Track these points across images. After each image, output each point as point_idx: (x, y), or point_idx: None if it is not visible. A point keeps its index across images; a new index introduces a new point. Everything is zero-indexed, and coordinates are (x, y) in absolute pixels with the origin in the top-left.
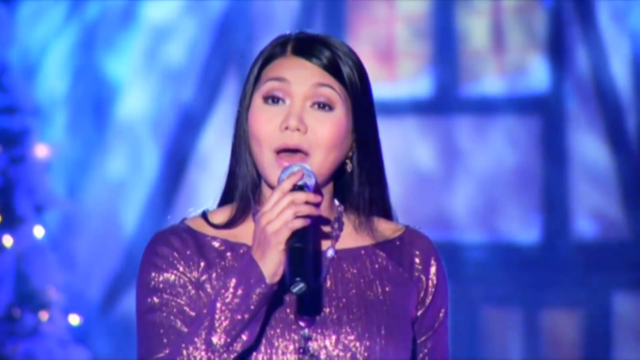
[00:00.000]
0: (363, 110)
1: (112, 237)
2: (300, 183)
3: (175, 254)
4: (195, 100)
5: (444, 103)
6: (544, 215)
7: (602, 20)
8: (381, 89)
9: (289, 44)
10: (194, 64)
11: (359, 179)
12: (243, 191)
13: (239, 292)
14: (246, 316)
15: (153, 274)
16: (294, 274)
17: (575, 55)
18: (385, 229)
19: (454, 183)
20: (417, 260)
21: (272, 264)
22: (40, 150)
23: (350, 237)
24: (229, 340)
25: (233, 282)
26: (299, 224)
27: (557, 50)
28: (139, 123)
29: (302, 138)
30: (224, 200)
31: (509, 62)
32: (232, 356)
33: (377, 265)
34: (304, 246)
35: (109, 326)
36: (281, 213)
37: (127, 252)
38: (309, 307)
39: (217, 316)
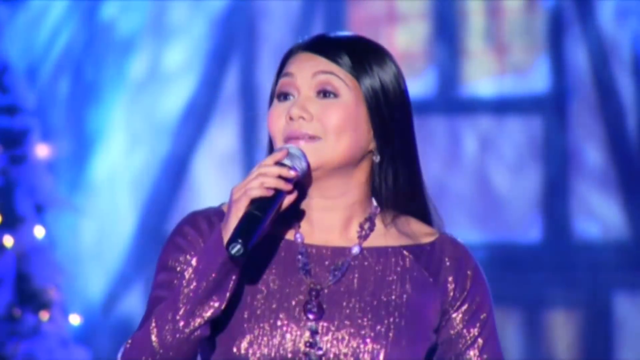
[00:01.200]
0: (377, 99)
1: (113, 237)
2: (287, 162)
3: (200, 238)
4: (197, 98)
5: (444, 103)
6: (544, 216)
7: (602, 20)
8: None
9: (301, 44)
10: (196, 62)
11: (385, 175)
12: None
13: (202, 262)
14: (209, 286)
15: (172, 253)
16: (236, 235)
17: (576, 55)
18: (419, 232)
19: (455, 183)
20: (445, 267)
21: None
22: (41, 150)
23: (380, 235)
24: (192, 310)
25: (199, 253)
26: (258, 192)
27: (558, 51)
28: (141, 122)
29: (308, 126)
30: None
31: (509, 62)
32: (196, 326)
33: (401, 267)
34: (260, 215)
35: (110, 326)
36: (248, 183)
37: (128, 252)
38: (323, 301)
39: (183, 287)
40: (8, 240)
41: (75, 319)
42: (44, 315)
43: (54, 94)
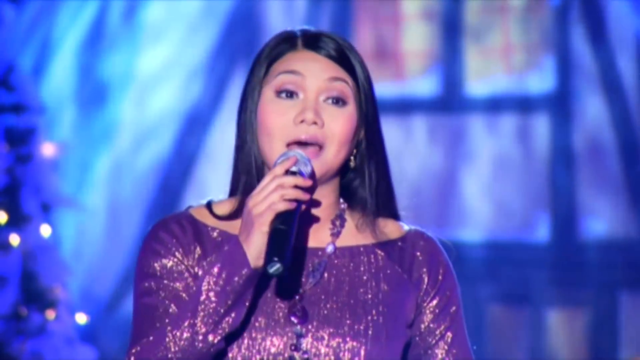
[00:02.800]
0: (371, 106)
1: (119, 236)
2: (293, 169)
3: (174, 241)
4: (203, 96)
5: (451, 102)
6: (551, 214)
7: (609, 18)
8: (388, 88)
9: (297, 39)
10: (202, 61)
11: (364, 179)
12: (247, 184)
13: (223, 275)
14: (230, 300)
15: (151, 259)
16: (271, 254)
17: (582, 54)
18: (390, 229)
19: (461, 182)
20: (418, 262)
21: (256, 247)
22: (47, 149)
23: (351, 234)
24: (212, 323)
25: (218, 265)
26: (282, 206)
27: (564, 49)
28: (146, 121)
29: (318, 131)
30: (232, 193)
31: (516, 60)
32: (216, 339)
33: (374, 265)
34: (287, 229)
35: (116, 325)
36: (267, 196)
37: (134, 251)
38: (304, 304)
39: (202, 299)
40: (14, 239)
41: (81, 318)
42: (50, 314)
43: (60, 92)
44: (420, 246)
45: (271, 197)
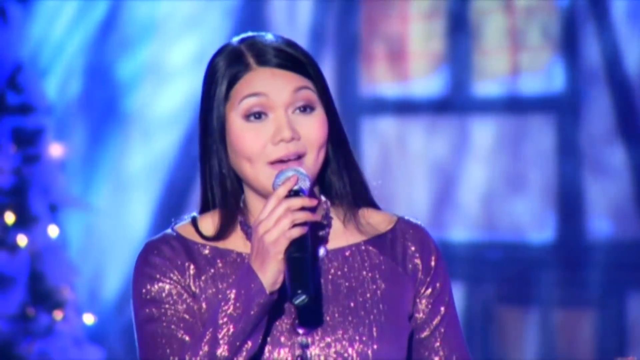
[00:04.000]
0: (330, 100)
1: (127, 236)
2: (295, 188)
3: (168, 263)
4: None
5: (458, 102)
6: (559, 214)
7: (616, 18)
8: (395, 88)
9: (247, 57)
10: (205, 60)
11: (338, 172)
12: (227, 201)
13: (239, 303)
14: (248, 327)
15: (148, 285)
16: (295, 286)
17: (590, 53)
18: (377, 221)
19: (468, 182)
20: (410, 252)
21: (271, 274)
22: (55, 150)
23: (339, 234)
24: (232, 351)
25: (233, 293)
26: (297, 232)
27: (572, 49)
28: (153, 121)
29: (297, 145)
30: (205, 207)
31: (523, 60)
32: None
33: (369, 263)
34: (303, 255)
35: (124, 325)
36: (278, 222)
37: None
38: (306, 314)
39: (219, 328)
40: (22, 240)
41: (89, 319)
42: (58, 315)
43: (67, 92)
44: (410, 235)
45: (282, 223)
